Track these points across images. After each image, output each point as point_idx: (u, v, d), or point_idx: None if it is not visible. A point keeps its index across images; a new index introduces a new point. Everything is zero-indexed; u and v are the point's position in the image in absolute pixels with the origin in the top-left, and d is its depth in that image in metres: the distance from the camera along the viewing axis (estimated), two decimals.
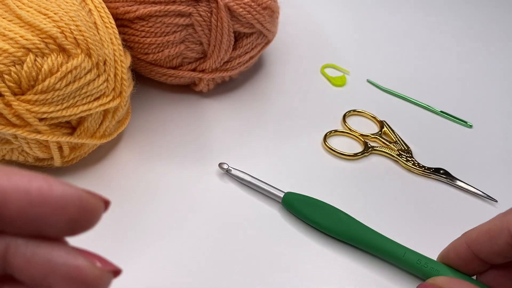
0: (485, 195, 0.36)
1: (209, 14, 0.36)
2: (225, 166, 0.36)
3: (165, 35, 0.37)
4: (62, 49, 0.30)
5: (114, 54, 0.33)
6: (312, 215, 0.33)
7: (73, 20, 0.30)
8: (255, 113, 0.42)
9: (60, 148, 0.33)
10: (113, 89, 0.33)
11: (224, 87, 0.43)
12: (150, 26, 0.36)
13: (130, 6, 0.36)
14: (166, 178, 0.36)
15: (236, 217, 0.34)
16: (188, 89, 0.42)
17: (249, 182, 0.35)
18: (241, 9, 0.37)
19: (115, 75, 0.33)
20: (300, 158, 0.38)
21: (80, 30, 0.30)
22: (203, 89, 0.41)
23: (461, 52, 0.52)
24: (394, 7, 0.58)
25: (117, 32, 0.34)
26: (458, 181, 0.37)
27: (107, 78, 0.32)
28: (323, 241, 0.33)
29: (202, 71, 0.40)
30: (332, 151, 0.39)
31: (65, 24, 0.30)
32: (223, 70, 0.40)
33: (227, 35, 0.37)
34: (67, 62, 0.30)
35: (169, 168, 0.36)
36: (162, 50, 0.38)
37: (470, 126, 0.43)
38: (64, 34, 0.30)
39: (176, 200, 0.34)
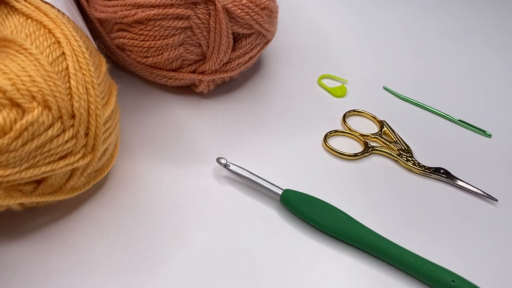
0: (485, 194, 0.36)
1: (207, 17, 0.36)
2: (223, 161, 0.35)
3: (164, 38, 0.37)
4: (14, 104, 0.26)
5: (89, 106, 0.28)
6: (311, 213, 0.33)
7: (25, 71, 0.26)
8: (255, 113, 0.42)
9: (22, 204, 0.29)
10: (84, 145, 0.29)
11: (224, 87, 0.43)
12: (149, 30, 0.37)
13: (129, 10, 0.36)
14: (166, 178, 0.36)
15: (234, 216, 0.34)
16: (188, 90, 0.43)
17: (248, 178, 0.35)
18: (239, 11, 0.37)
19: (87, 130, 0.29)
20: (300, 159, 0.38)
21: (33, 81, 0.26)
22: (204, 90, 0.42)
23: (457, 53, 0.51)
24: (394, 8, 0.58)
25: (96, 81, 0.29)
26: (458, 181, 0.37)
27: (76, 134, 0.28)
28: (321, 239, 0.33)
29: (202, 72, 0.40)
30: (332, 151, 0.39)
31: (16, 75, 0.26)
32: (223, 71, 0.40)
33: (225, 37, 0.37)
34: (21, 119, 0.26)
35: (169, 168, 0.37)
36: (162, 53, 0.38)
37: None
38: (15, 86, 0.25)
39: (176, 200, 0.35)
